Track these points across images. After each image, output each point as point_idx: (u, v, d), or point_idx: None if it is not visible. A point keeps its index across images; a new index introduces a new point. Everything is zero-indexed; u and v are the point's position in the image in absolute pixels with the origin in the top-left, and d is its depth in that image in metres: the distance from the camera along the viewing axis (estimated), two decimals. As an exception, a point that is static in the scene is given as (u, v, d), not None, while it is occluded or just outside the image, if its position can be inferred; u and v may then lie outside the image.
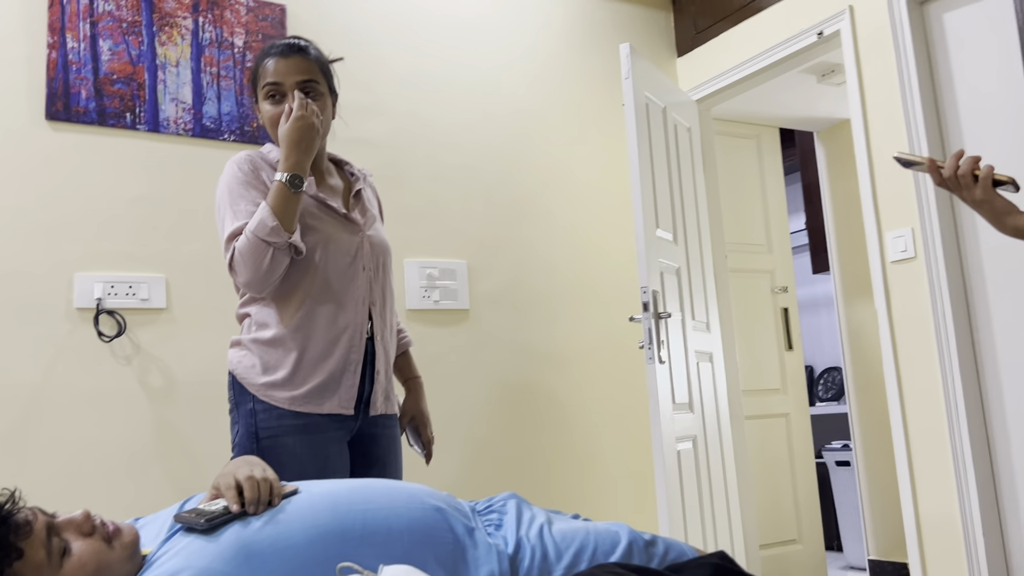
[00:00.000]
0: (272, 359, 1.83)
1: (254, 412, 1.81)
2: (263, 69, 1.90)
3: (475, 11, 3.48)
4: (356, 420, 1.90)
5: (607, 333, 3.57)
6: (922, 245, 2.87)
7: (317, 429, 1.82)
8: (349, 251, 1.90)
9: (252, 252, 1.76)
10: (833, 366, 5.85)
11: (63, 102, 2.62)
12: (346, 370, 1.86)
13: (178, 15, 2.84)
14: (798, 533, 4.14)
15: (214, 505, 1.33)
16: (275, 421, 1.80)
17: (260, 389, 1.82)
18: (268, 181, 1.88)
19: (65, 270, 2.58)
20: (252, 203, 1.83)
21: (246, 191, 1.85)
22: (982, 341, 2.79)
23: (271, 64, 1.88)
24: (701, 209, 3.67)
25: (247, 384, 1.83)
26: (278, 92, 1.88)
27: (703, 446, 3.33)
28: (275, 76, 1.87)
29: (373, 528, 1.33)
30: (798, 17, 3.37)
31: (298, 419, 1.80)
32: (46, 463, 2.48)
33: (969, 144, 2.83)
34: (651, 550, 1.44)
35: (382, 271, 1.98)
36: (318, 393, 1.83)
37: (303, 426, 1.80)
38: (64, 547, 1.21)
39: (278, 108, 1.87)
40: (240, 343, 1.89)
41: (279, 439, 1.79)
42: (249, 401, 1.83)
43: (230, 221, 1.82)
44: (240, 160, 1.90)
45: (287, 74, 1.87)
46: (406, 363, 2.19)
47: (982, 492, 2.72)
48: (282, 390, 1.81)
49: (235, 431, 1.86)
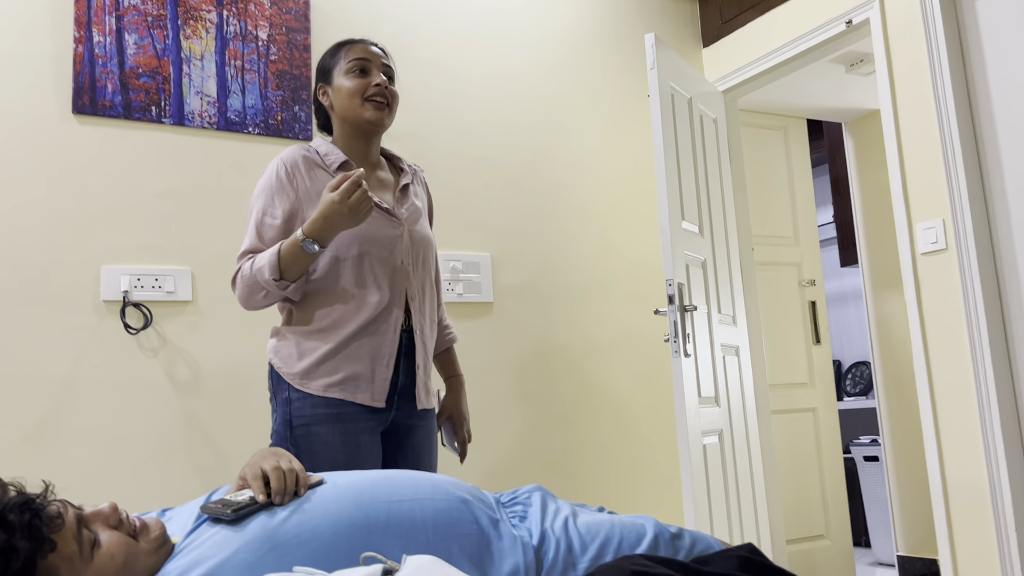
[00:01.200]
0: (308, 348, 1.87)
1: (289, 400, 1.85)
2: (348, 49, 1.98)
3: (500, 2, 3.46)
4: (390, 412, 1.92)
5: (632, 326, 3.55)
6: (953, 237, 2.82)
7: (350, 419, 1.84)
8: (387, 245, 1.92)
9: (249, 286, 1.84)
10: (861, 360, 5.78)
11: (89, 96, 2.64)
12: (379, 363, 1.88)
13: (203, 8, 2.85)
14: (826, 528, 4.10)
15: (240, 496, 1.33)
16: (309, 410, 1.83)
17: (295, 378, 1.85)
18: (306, 183, 1.90)
19: (92, 263, 2.60)
20: (272, 217, 1.88)
21: (271, 203, 1.89)
22: (1015, 334, 2.74)
23: (357, 46, 1.97)
24: (727, 201, 3.64)
25: (283, 373, 1.87)
26: (366, 67, 1.96)
27: (729, 440, 3.30)
28: (364, 54, 1.96)
29: (398, 519, 1.32)
30: (826, 5, 3.32)
31: (331, 407, 1.83)
32: (75, 454, 2.50)
33: (1002, 136, 2.78)
34: (677, 543, 1.42)
35: (422, 266, 2.00)
36: (351, 383, 1.85)
37: (336, 415, 1.83)
38: (94, 539, 1.22)
39: (365, 80, 1.94)
40: (279, 332, 1.93)
41: (312, 427, 1.82)
42: (285, 390, 1.86)
43: (248, 234, 1.90)
44: (284, 160, 1.92)
45: (375, 56, 1.98)
46: (449, 360, 2.21)
47: (1015, 488, 2.67)
48: (316, 379, 1.84)
49: (274, 419, 1.89)
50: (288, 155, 1.92)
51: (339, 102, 1.97)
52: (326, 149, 1.97)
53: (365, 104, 1.94)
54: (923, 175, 2.94)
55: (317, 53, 3.03)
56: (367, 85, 1.94)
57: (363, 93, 1.94)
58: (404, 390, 1.94)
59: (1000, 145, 2.79)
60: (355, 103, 1.94)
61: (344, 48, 1.99)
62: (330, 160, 1.96)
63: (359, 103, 1.94)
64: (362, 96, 1.94)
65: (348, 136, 2.00)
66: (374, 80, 1.94)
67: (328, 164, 1.95)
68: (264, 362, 2.79)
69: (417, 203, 2.06)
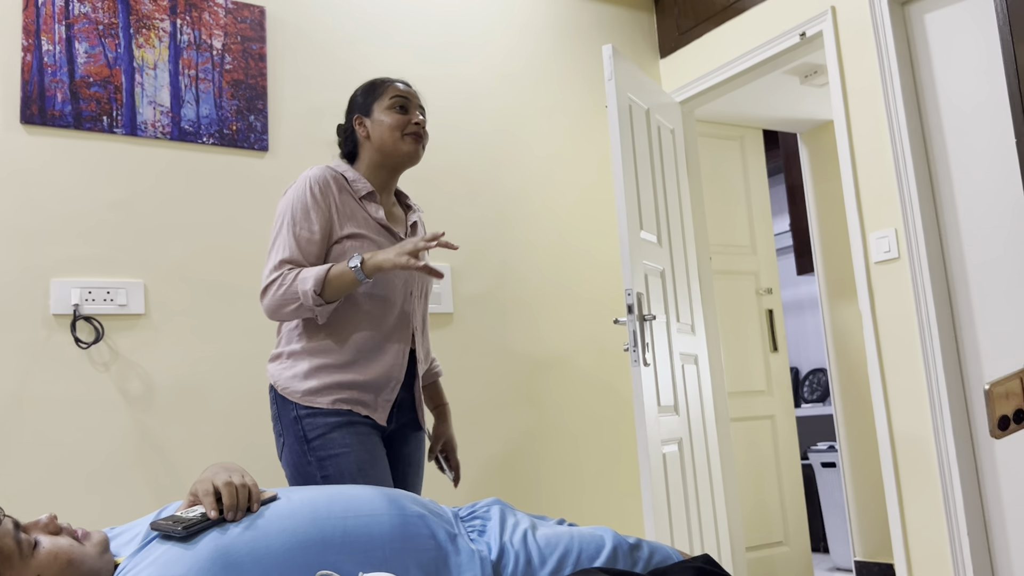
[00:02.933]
0: (317, 368, 1.95)
1: (299, 419, 1.93)
2: (388, 87, 2.12)
3: (457, 12, 3.46)
4: (389, 426, 2.04)
5: (592, 336, 3.56)
6: (905, 246, 2.87)
7: (359, 422, 1.94)
8: (402, 275, 2.04)
9: (284, 296, 1.90)
10: (818, 367, 5.86)
11: (38, 105, 2.59)
12: (385, 387, 1.99)
13: (155, 17, 2.81)
14: (784, 535, 4.14)
15: (192, 512, 1.30)
16: (320, 421, 1.91)
17: (302, 396, 1.93)
18: (337, 203, 2.00)
19: (41, 276, 2.54)
20: (309, 231, 1.95)
21: (307, 218, 1.97)
22: (966, 341, 2.79)
23: (399, 85, 2.12)
24: (685, 211, 3.67)
25: (288, 394, 1.95)
26: (406, 105, 2.10)
27: (688, 448, 3.31)
28: (406, 93, 2.11)
29: (354, 535, 1.31)
30: (780, 18, 3.37)
31: (341, 416, 1.92)
32: (23, 471, 2.44)
33: (952, 146, 2.84)
34: (636, 554, 1.42)
35: (424, 298, 2.14)
36: (357, 401, 1.95)
37: (347, 422, 1.92)
38: (34, 541, 1.22)
39: (405, 116, 2.08)
40: (281, 355, 2.00)
41: (327, 436, 1.90)
42: (292, 410, 1.94)
43: (282, 246, 1.95)
44: (315, 179, 2.00)
45: (414, 96, 2.13)
46: (436, 391, 2.32)
47: (967, 494, 2.71)
48: (324, 395, 1.93)
49: (280, 444, 1.97)
50: (317, 174, 2.01)
51: (378, 134, 2.08)
52: (353, 175, 2.07)
53: (405, 138, 2.07)
54: (876, 185, 2.99)
55: (273, 62, 3.00)
56: (407, 122, 2.08)
57: (403, 128, 2.07)
58: (403, 405, 2.06)
59: (950, 155, 2.84)
60: (395, 136, 2.07)
61: (385, 85, 2.12)
62: (357, 187, 2.06)
63: (399, 136, 2.07)
64: (402, 131, 2.07)
65: (377, 167, 2.11)
66: (414, 118, 2.08)
67: (355, 190, 2.05)
68: (218, 376, 2.75)
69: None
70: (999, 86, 2.71)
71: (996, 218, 2.72)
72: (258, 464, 2.76)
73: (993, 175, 2.73)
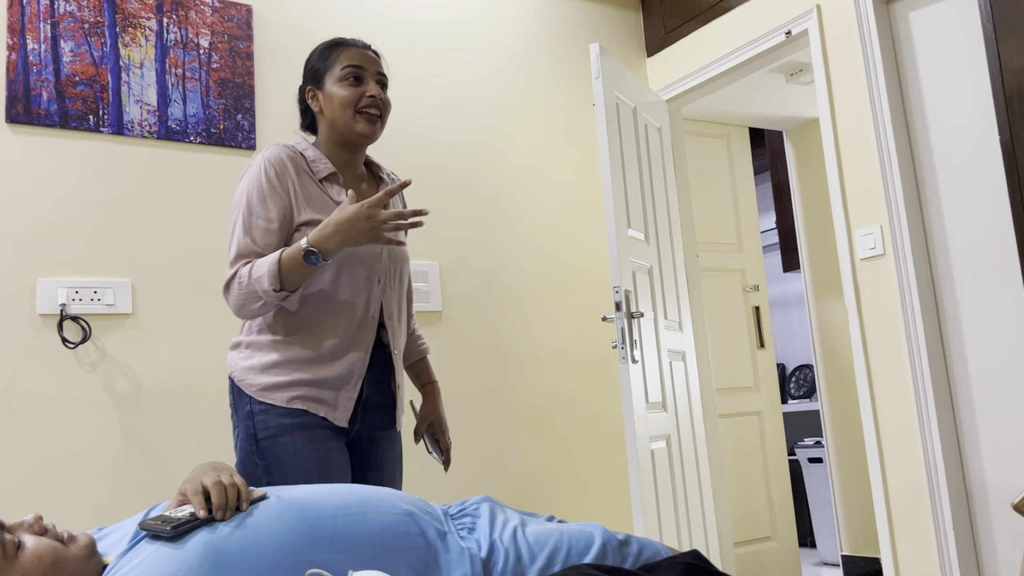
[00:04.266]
0: (274, 362, 1.80)
1: (252, 414, 1.79)
2: (340, 53, 1.89)
3: (444, 10, 3.46)
4: (353, 426, 1.87)
5: (580, 333, 3.57)
6: (891, 242, 2.89)
7: (315, 427, 1.79)
8: (366, 263, 1.86)
9: (245, 294, 1.76)
10: (805, 364, 5.89)
11: (24, 104, 2.57)
12: (347, 384, 1.83)
13: (142, 16, 2.80)
14: (772, 530, 4.16)
15: (180, 512, 1.30)
16: (273, 420, 1.77)
17: (258, 391, 1.79)
18: (295, 186, 1.82)
19: (28, 275, 2.53)
20: (266, 220, 1.79)
21: (263, 205, 1.80)
22: (951, 336, 2.82)
23: (352, 51, 1.89)
24: (672, 208, 3.68)
25: (244, 386, 1.81)
26: (360, 75, 1.88)
27: (677, 445, 3.33)
28: (359, 60, 1.88)
29: (343, 533, 1.31)
30: (766, 17, 3.39)
31: (295, 417, 1.77)
32: (10, 472, 2.43)
33: (936, 143, 2.86)
34: (625, 550, 1.43)
35: (398, 283, 1.94)
36: (315, 399, 1.80)
37: (300, 424, 1.77)
38: (18, 542, 1.20)
39: (358, 89, 1.87)
40: (240, 344, 1.86)
41: (278, 438, 1.76)
42: (247, 403, 1.80)
43: (238, 238, 1.80)
44: (270, 161, 1.82)
45: (369, 62, 1.90)
46: (423, 368, 2.16)
47: (952, 487, 2.74)
48: (280, 391, 1.79)
49: (236, 435, 1.83)
50: (273, 155, 1.83)
51: (330, 110, 1.88)
52: (313, 155, 1.88)
53: (358, 117, 1.87)
54: (861, 182, 3.01)
55: (260, 61, 3.00)
56: (361, 95, 1.87)
57: (356, 104, 1.87)
58: (369, 404, 1.89)
59: (934, 152, 2.87)
60: (347, 114, 1.87)
61: (337, 50, 1.90)
62: (317, 168, 1.87)
63: (351, 114, 1.87)
64: (355, 107, 1.87)
65: (335, 144, 1.92)
66: (368, 91, 1.87)
67: (315, 172, 1.87)
68: (206, 376, 2.75)
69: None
70: (983, 83, 2.73)
71: (980, 215, 2.74)
72: (247, 463, 2.75)
73: (977, 172, 2.75)
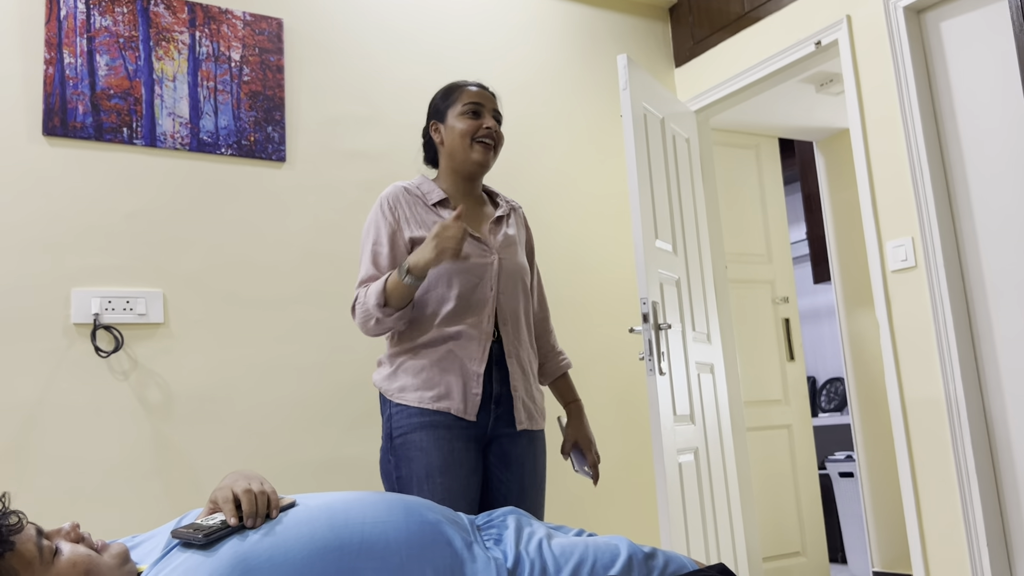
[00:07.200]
0: (404, 367, 2.05)
1: (390, 416, 2.04)
2: (462, 92, 2.15)
3: (473, 22, 3.48)
4: (486, 425, 2.05)
5: (607, 345, 3.56)
6: (922, 254, 2.86)
7: (444, 426, 1.99)
8: (478, 272, 2.07)
9: (362, 314, 2.02)
10: (835, 376, 5.83)
11: (60, 117, 2.62)
12: (468, 379, 2.03)
13: (175, 30, 2.84)
14: (802, 545, 4.11)
15: (211, 519, 1.31)
16: (406, 420, 2.00)
17: (395, 394, 2.04)
18: (406, 213, 2.08)
19: (62, 285, 2.58)
20: (380, 244, 2.06)
21: (378, 232, 2.07)
22: (983, 349, 2.78)
23: (472, 88, 2.15)
24: (700, 219, 3.67)
25: (385, 392, 2.07)
26: (479, 111, 2.13)
27: (704, 458, 3.31)
28: (478, 98, 2.14)
29: (371, 541, 1.32)
30: (796, 27, 3.38)
31: (425, 416, 1.99)
32: (44, 479, 2.47)
33: (968, 154, 2.83)
34: (650, 563, 1.42)
35: (513, 293, 2.13)
36: (443, 397, 2.01)
37: (430, 423, 1.99)
38: (55, 548, 1.24)
39: (476, 122, 2.11)
40: (382, 360, 2.12)
41: (408, 436, 1.99)
42: (387, 408, 2.05)
43: (363, 264, 2.08)
44: (385, 195, 2.10)
45: (487, 100, 2.15)
46: (566, 386, 2.33)
47: (985, 502, 2.70)
48: (412, 393, 2.02)
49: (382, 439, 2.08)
50: (389, 190, 2.11)
51: (450, 140, 2.13)
52: (427, 188, 2.13)
53: (474, 145, 2.11)
54: (892, 193, 2.98)
55: (290, 74, 3.03)
56: (478, 127, 2.11)
57: (474, 134, 2.11)
58: (501, 403, 2.07)
59: (966, 163, 2.83)
60: (465, 143, 2.11)
61: (460, 90, 2.15)
62: (430, 196, 2.12)
63: (468, 144, 2.11)
64: (472, 137, 2.11)
65: (452, 172, 2.15)
66: (485, 123, 2.11)
67: (428, 199, 2.11)
68: (237, 385, 2.78)
69: (510, 232, 2.18)
70: (1015, 93, 2.70)
71: (1014, 226, 2.71)
72: (276, 472, 2.78)
73: (1010, 183, 2.72)
